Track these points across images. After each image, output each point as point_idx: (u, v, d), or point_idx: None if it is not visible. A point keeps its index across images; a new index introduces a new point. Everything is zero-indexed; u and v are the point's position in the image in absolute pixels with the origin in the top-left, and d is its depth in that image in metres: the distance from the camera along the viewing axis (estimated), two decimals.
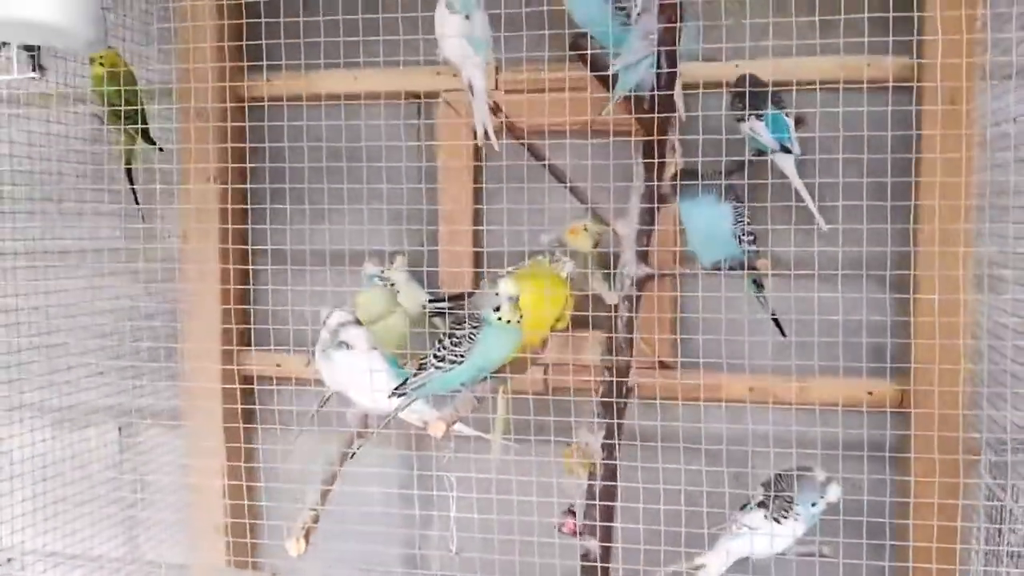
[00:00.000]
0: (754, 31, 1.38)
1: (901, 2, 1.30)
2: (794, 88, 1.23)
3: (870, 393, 1.39)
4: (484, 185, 1.57)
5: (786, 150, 1.19)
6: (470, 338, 1.07)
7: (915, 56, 1.30)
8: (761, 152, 1.24)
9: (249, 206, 1.58)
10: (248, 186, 1.63)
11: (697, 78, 1.27)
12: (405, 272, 1.46)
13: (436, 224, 1.58)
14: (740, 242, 1.09)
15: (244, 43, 1.47)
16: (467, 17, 1.12)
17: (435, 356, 1.10)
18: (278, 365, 1.63)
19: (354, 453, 1.22)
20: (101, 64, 1.39)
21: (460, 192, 1.55)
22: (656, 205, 1.18)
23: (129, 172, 1.56)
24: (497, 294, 1.07)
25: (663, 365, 1.45)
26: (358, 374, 1.14)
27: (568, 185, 1.24)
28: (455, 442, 1.38)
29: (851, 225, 1.29)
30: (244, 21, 1.49)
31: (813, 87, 1.21)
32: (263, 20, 1.41)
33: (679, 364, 1.47)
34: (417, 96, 1.59)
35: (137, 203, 1.56)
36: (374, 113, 1.60)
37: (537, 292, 1.16)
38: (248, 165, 1.59)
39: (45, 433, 1.67)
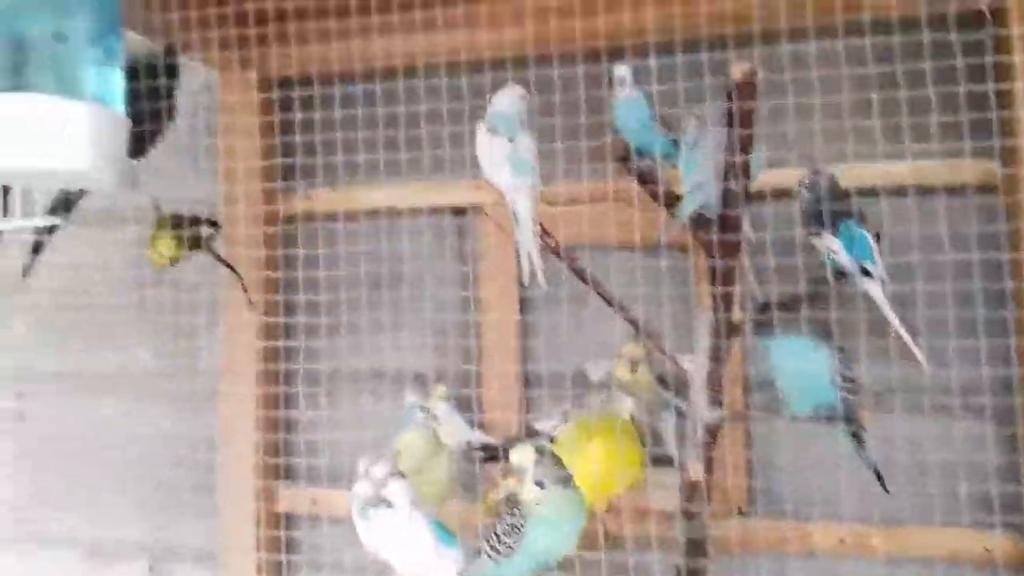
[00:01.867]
0: (824, 136, 1.27)
1: (977, 101, 1.15)
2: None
3: (987, 549, 1.19)
4: (528, 296, 1.46)
5: (867, 273, 1.03)
6: (516, 529, 0.90)
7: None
8: (843, 273, 1.09)
9: (283, 319, 1.49)
10: (280, 296, 1.55)
11: (764, 186, 1.14)
12: (447, 402, 1.34)
13: (479, 340, 1.47)
14: (838, 389, 0.93)
15: (280, 160, 1.41)
16: (511, 140, 1.02)
17: (488, 543, 0.94)
18: (313, 502, 1.50)
19: None
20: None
21: (504, 307, 1.43)
22: (728, 340, 1.03)
23: None
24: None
25: (740, 513, 1.27)
26: (400, 539, 1.00)
27: (621, 314, 1.10)
28: None
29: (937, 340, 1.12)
30: (278, 139, 1.44)
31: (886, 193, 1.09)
32: (297, 137, 1.35)
33: (757, 512, 1.31)
34: (459, 210, 1.51)
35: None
36: (414, 227, 1.52)
37: (607, 449, 1.01)
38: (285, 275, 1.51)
39: (74, 567, 1.58)
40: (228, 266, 1.42)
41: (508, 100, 1.09)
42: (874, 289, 1.03)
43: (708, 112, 1.05)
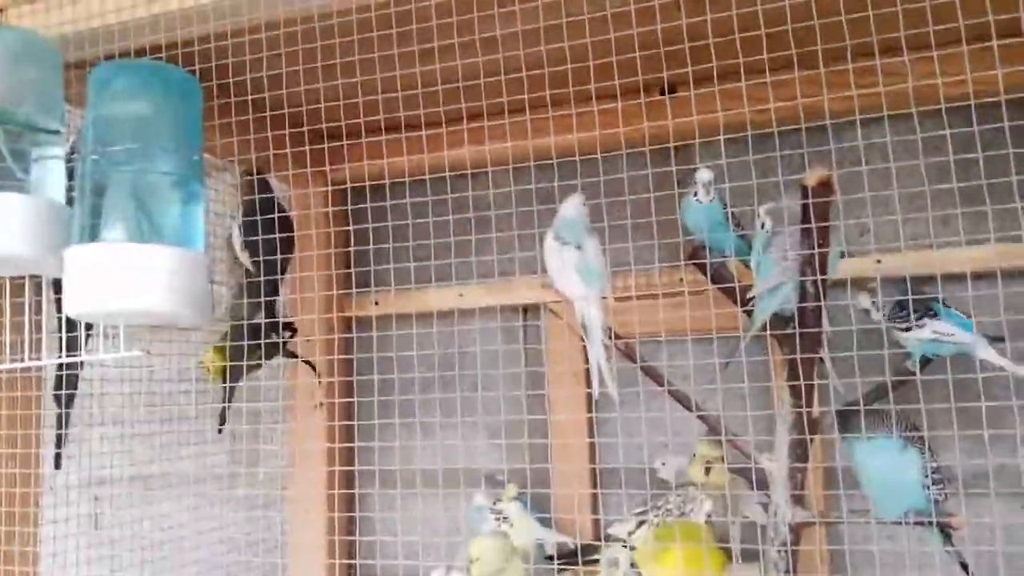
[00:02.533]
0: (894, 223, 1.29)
1: None
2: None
3: None
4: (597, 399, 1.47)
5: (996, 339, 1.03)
6: None
7: None
8: (927, 360, 1.09)
9: (356, 423, 1.52)
10: (355, 400, 1.58)
11: (843, 275, 1.14)
12: (518, 502, 1.34)
13: (550, 439, 1.47)
14: (927, 490, 0.92)
15: (353, 269, 1.47)
16: (579, 247, 1.05)
17: None
18: None
19: None
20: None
21: (573, 405, 1.44)
22: (809, 437, 1.02)
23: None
24: None
25: None
26: None
27: (696, 413, 1.10)
28: None
29: None
30: (352, 249, 1.50)
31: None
32: (371, 246, 1.41)
33: None
34: (527, 308, 1.55)
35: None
36: (482, 326, 1.56)
37: (688, 555, 1.00)
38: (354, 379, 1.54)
39: None
40: (308, 363, 1.46)
41: (574, 208, 1.12)
42: (986, 351, 1.03)
43: (782, 208, 1.06)
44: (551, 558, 1.27)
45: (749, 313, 1.05)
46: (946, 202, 1.30)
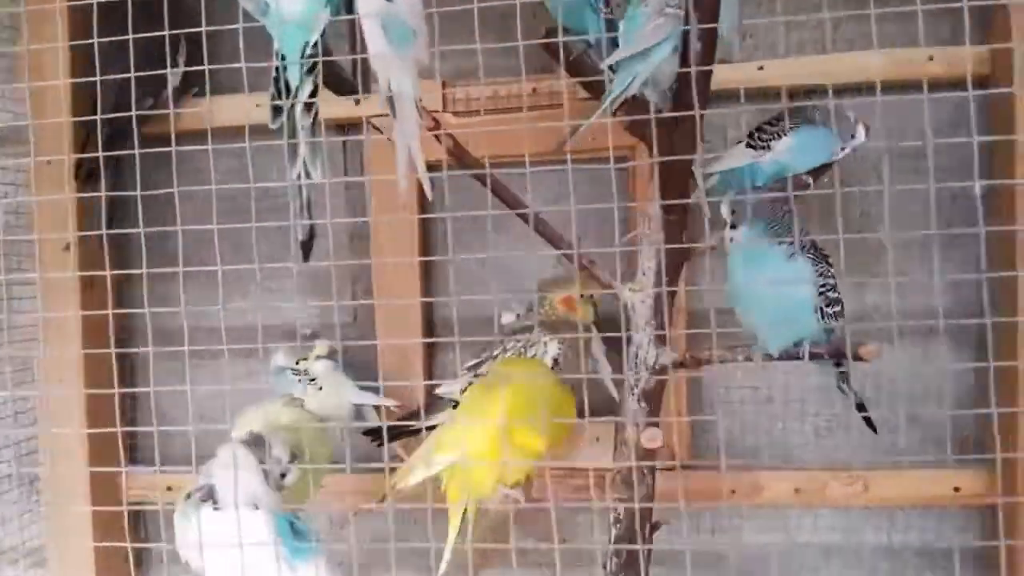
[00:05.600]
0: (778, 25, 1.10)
1: None
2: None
3: (957, 489, 1.05)
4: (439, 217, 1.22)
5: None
6: None
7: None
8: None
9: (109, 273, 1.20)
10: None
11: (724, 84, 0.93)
12: (328, 362, 1.09)
13: (370, 287, 1.21)
14: (823, 318, 0.73)
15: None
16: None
17: None
18: (169, 488, 1.22)
19: None
20: None
21: (401, 243, 1.18)
22: (678, 263, 0.82)
23: None
24: None
25: (686, 468, 1.09)
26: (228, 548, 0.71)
27: (545, 234, 0.87)
28: None
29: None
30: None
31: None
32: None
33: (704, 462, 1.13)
34: (340, 127, 1.24)
35: None
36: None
37: (525, 400, 0.79)
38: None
39: None
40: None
41: None
42: None
43: None
44: (372, 433, 1.03)
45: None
46: (836, 4, 1.12)
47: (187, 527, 0.74)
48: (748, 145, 0.96)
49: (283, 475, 0.78)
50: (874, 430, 0.85)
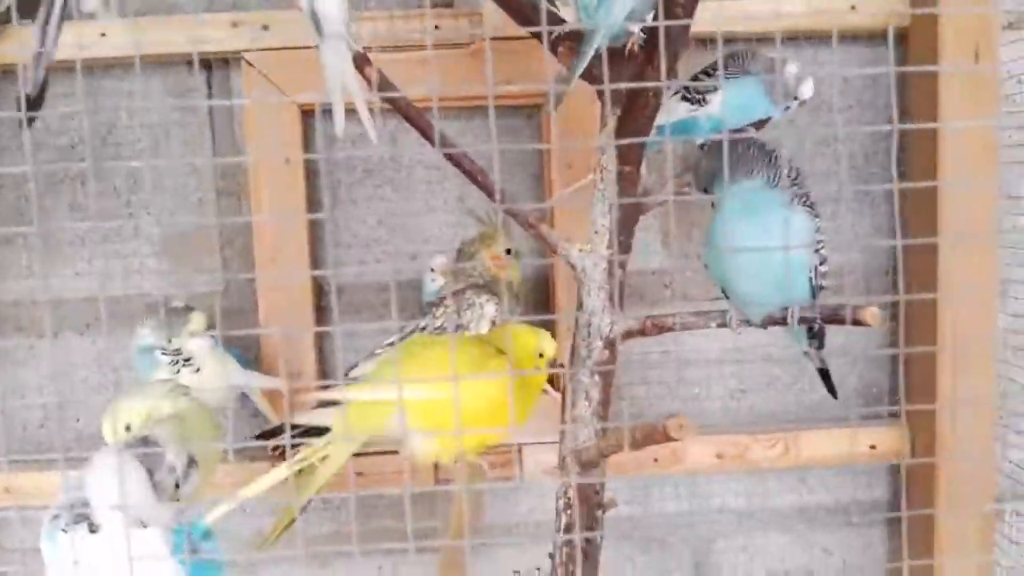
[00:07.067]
0: None
1: None
2: None
3: (872, 447, 1.06)
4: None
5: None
6: None
7: None
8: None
9: None
10: None
11: None
12: (207, 339, 0.92)
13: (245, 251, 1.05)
14: (816, 277, 0.66)
15: None
16: None
17: None
18: (6, 490, 1.01)
19: None
20: None
21: (284, 198, 1.02)
22: (634, 219, 0.74)
23: None
24: None
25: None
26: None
27: (479, 181, 0.76)
28: None
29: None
30: None
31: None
32: None
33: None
34: (208, 63, 1.05)
35: None
36: (143, 88, 1.04)
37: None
38: None
39: None
40: None
41: None
42: None
43: None
44: (264, 436, 0.88)
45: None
46: None
47: (55, 553, 0.57)
48: (684, 98, 0.89)
49: (178, 484, 0.63)
50: (835, 396, 0.82)
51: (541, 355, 0.75)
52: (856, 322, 0.59)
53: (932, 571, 1.02)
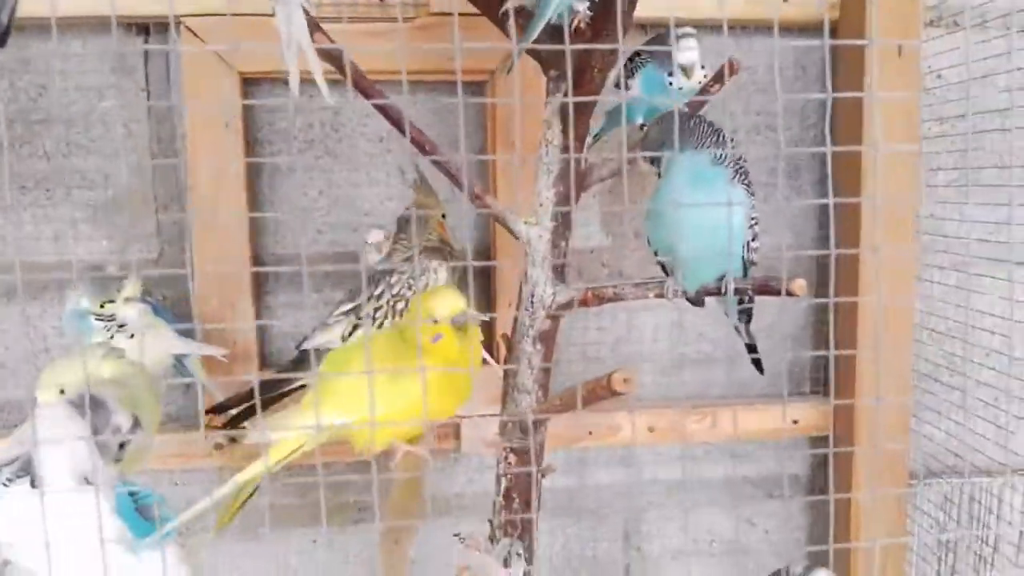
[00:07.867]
0: None
1: None
2: None
3: (795, 422, 1.11)
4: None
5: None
6: None
7: None
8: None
9: None
10: None
11: None
12: (142, 304, 0.90)
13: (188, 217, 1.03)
14: (748, 251, 0.69)
15: None
16: None
17: None
18: None
19: None
20: None
21: (222, 166, 1.01)
22: (578, 190, 0.76)
23: None
24: None
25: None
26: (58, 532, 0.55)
27: (427, 152, 0.76)
28: None
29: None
30: None
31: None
32: None
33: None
34: (143, 27, 1.02)
35: None
36: (79, 52, 1.01)
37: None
38: None
39: None
40: None
41: None
42: None
43: None
44: (213, 412, 0.87)
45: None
46: None
47: None
48: (616, 85, 0.92)
49: (121, 445, 0.62)
50: (761, 372, 0.86)
51: (436, 321, 0.70)
52: (787, 292, 0.62)
53: (850, 540, 1.08)
